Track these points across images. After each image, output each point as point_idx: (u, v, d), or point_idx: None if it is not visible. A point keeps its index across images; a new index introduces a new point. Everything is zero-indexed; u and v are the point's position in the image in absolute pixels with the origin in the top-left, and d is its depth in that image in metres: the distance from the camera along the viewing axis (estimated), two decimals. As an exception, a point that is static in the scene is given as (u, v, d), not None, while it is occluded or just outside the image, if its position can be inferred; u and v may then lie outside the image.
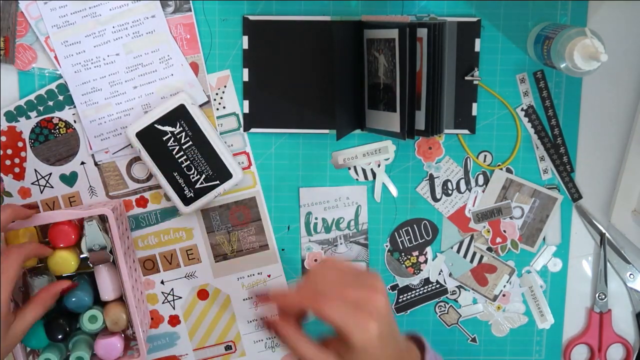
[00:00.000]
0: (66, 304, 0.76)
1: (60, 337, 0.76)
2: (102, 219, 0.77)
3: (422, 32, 0.74)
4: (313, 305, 0.60)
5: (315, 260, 0.85)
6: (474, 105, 0.82)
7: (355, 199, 0.84)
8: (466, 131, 0.83)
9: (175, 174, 0.80)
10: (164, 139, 0.79)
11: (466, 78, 0.81)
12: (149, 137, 0.79)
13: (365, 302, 0.60)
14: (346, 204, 0.84)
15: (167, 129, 0.79)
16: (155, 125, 0.79)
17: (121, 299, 0.79)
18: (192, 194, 0.80)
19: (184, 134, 0.79)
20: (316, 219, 0.84)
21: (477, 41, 0.81)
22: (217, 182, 0.80)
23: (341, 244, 0.85)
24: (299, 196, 0.84)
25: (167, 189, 0.80)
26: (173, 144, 0.79)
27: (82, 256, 0.78)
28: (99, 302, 0.78)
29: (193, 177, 0.80)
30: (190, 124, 0.79)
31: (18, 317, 0.71)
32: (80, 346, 0.77)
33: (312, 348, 0.61)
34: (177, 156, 0.79)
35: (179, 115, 0.79)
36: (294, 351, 0.63)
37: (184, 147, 0.79)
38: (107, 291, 0.77)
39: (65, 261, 0.76)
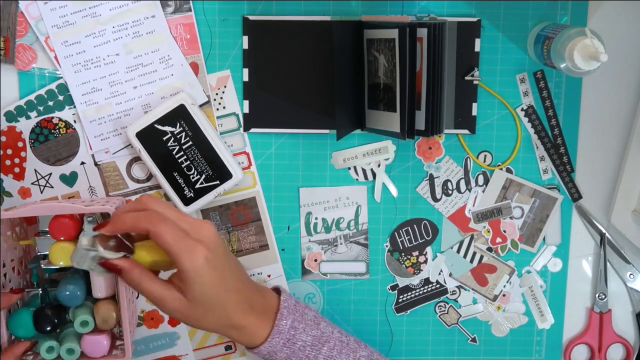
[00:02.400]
0: (58, 297, 0.76)
1: (48, 328, 0.76)
2: (103, 216, 0.77)
3: (422, 32, 0.74)
4: (149, 226, 0.64)
5: (316, 260, 0.85)
6: (474, 105, 0.82)
7: (355, 199, 0.84)
8: (466, 131, 0.83)
9: (175, 174, 0.80)
10: (164, 139, 0.79)
11: (466, 78, 0.81)
12: (149, 137, 0.79)
13: (196, 229, 0.65)
14: (346, 204, 0.84)
15: (167, 129, 0.79)
16: (155, 125, 0.79)
17: (112, 298, 0.78)
18: (192, 194, 0.80)
19: (184, 134, 0.79)
20: (316, 219, 0.84)
21: (477, 41, 0.81)
22: (217, 182, 0.80)
23: (341, 244, 0.85)
24: (299, 196, 0.84)
25: (167, 189, 0.80)
26: (173, 144, 0.79)
27: None
28: (90, 297, 0.79)
29: (193, 177, 0.80)
30: (190, 124, 0.79)
31: None
32: (70, 338, 0.77)
33: (157, 285, 0.66)
34: (177, 156, 0.79)
35: (179, 115, 0.79)
36: (140, 290, 0.66)
37: (184, 147, 0.79)
38: (100, 288, 0.76)
39: (66, 253, 0.75)
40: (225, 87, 0.82)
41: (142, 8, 0.79)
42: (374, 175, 0.84)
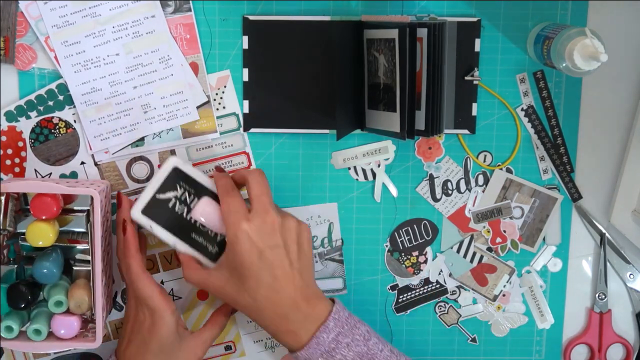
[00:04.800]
0: (34, 274, 0.75)
1: (22, 305, 0.75)
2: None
3: (422, 32, 0.74)
4: (226, 190, 0.74)
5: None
6: (474, 105, 0.82)
7: (326, 216, 0.84)
8: (466, 131, 0.83)
9: (193, 235, 0.77)
10: (170, 205, 0.76)
11: (466, 78, 0.81)
12: (155, 209, 0.76)
13: (260, 211, 0.72)
14: (318, 222, 0.84)
15: (170, 195, 0.76)
16: (157, 196, 0.76)
17: (88, 282, 0.78)
18: (216, 249, 0.77)
19: (187, 193, 0.77)
20: None
21: (477, 41, 0.81)
22: None
23: (316, 262, 0.85)
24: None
25: (192, 253, 0.77)
26: (180, 207, 0.77)
27: (61, 229, 0.77)
28: (65, 277, 0.79)
29: (211, 232, 0.77)
30: (189, 182, 0.77)
31: (196, 336, 0.77)
32: (41, 319, 0.77)
33: None
34: (187, 217, 0.77)
35: (176, 178, 0.76)
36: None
37: (190, 205, 0.77)
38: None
39: (43, 233, 0.74)
40: (225, 87, 0.82)
41: (142, 8, 0.79)
42: (374, 175, 0.84)
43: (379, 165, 0.84)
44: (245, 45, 0.81)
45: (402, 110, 0.75)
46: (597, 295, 0.87)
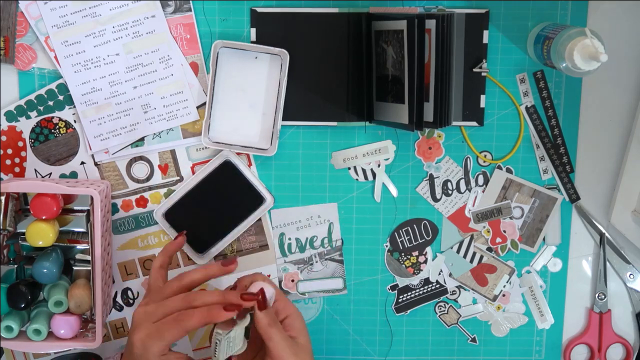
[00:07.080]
0: (33, 274, 0.76)
1: (21, 305, 0.75)
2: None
3: (431, 24, 0.73)
4: (273, 328, 0.66)
5: (293, 280, 0.85)
6: (482, 97, 0.82)
7: (326, 216, 0.84)
8: (474, 123, 0.82)
9: None
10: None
11: (474, 70, 0.81)
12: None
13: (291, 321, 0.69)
14: (318, 222, 0.84)
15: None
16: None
17: (88, 282, 0.78)
18: None
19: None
20: (290, 239, 0.84)
21: (485, 33, 0.80)
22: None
23: (317, 262, 0.85)
24: (271, 218, 0.84)
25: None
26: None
27: (61, 229, 0.77)
28: (65, 277, 0.79)
29: None
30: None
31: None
32: (41, 319, 0.77)
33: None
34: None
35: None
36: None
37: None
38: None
39: (43, 233, 0.75)
40: (225, 87, 0.82)
41: (142, 8, 0.79)
42: (374, 175, 0.84)
43: (379, 165, 0.84)
44: (254, 38, 0.81)
45: (411, 102, 0.74)
46: (597, 295, 0.87)
